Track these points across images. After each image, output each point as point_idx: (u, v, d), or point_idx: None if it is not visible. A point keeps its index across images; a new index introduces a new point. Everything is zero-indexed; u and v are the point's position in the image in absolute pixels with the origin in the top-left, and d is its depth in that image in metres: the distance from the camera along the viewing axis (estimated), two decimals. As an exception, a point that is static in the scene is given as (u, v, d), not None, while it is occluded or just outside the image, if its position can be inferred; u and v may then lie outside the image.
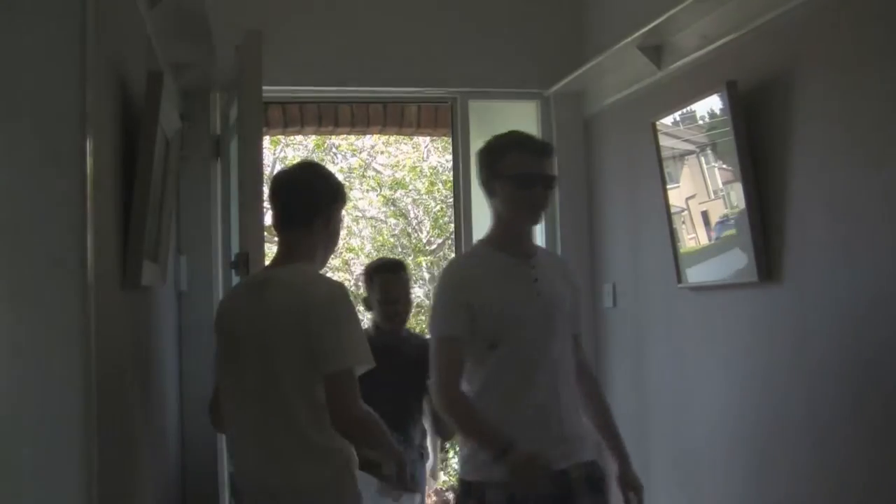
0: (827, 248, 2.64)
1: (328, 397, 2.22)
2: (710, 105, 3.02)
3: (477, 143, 4.27)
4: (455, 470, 9.23)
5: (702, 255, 3.22)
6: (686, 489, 3.50)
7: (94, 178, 1.79)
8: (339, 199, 2.47)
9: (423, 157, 9.71)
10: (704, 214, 3.15)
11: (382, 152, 9.85)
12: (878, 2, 2.45)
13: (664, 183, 3.40)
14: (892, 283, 2.39)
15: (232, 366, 2.36)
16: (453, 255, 6.42)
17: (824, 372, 2.65)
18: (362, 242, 9.87)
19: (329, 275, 9.75)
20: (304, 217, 2.38)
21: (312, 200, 2.40)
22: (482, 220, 4.28)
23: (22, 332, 1.67)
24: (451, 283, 2.52)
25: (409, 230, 9.98)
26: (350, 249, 9.57)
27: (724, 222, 3.03)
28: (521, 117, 4.39)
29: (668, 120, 3.33)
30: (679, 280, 3.36)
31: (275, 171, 9.54)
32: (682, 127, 3.26)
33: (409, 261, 9.82)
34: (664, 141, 3.37)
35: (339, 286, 2.39)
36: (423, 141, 9.44)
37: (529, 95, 4.32)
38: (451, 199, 4.54)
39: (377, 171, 9.66)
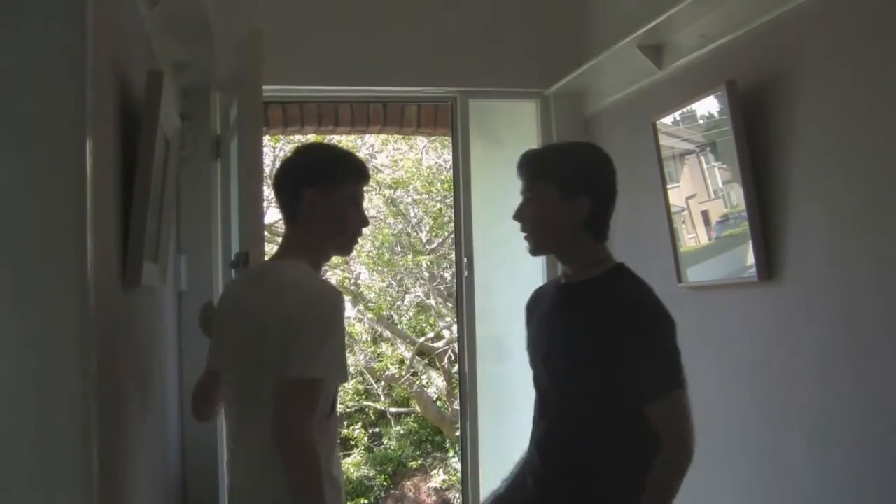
0: (827, 248, 2.64)
1: (273, 404, 1.99)
2: (710, 105, 3.02)
3: (477, 143, 4.31)
4: (455, 469, 9.23)
5: (702, 254, 3.22)
6: (685, 488, 3.49)
7: (94, 178, 1.79)
8: (314, 175, 2.16)
9: (420, 157, 9.70)
10: (704, 214, 3.16)
11: (380, 151, 9.84)
12: (878, 2, 2.45)
13: (664, 182, 3.40)
14: (892, 282, 2.39)
15: (219, 359, 2.31)
16: (453, 254, 6.31)
17: (824, 371, 2.65)
18: (362, 242, 9.86)
19: (329, 273, 9.76)
20: (289, 210, 2.22)
21: (286, 192, 2.22)
22: (482, 220, 4.31)
23: (22, 333, 1.67)
24: None
25: (409, 230, 9.97)
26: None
27: (724, 222, 3.03)
28: (521, 117, 4.40)
29: (668, 119, 3.33)
30: (679, 280, 3.36)
31: (275, 171, 9.55)
32: (682, 126, 3.26)
33: (409, 260, 9.82)
34: (664, 140, 3.37)
35: (323, 292, 2.12)
36: (420, 141, 9.43)
37: (529, 95, 4.32)
38: (451, 199, 4.53)
39: (378, 170, 9.65)
